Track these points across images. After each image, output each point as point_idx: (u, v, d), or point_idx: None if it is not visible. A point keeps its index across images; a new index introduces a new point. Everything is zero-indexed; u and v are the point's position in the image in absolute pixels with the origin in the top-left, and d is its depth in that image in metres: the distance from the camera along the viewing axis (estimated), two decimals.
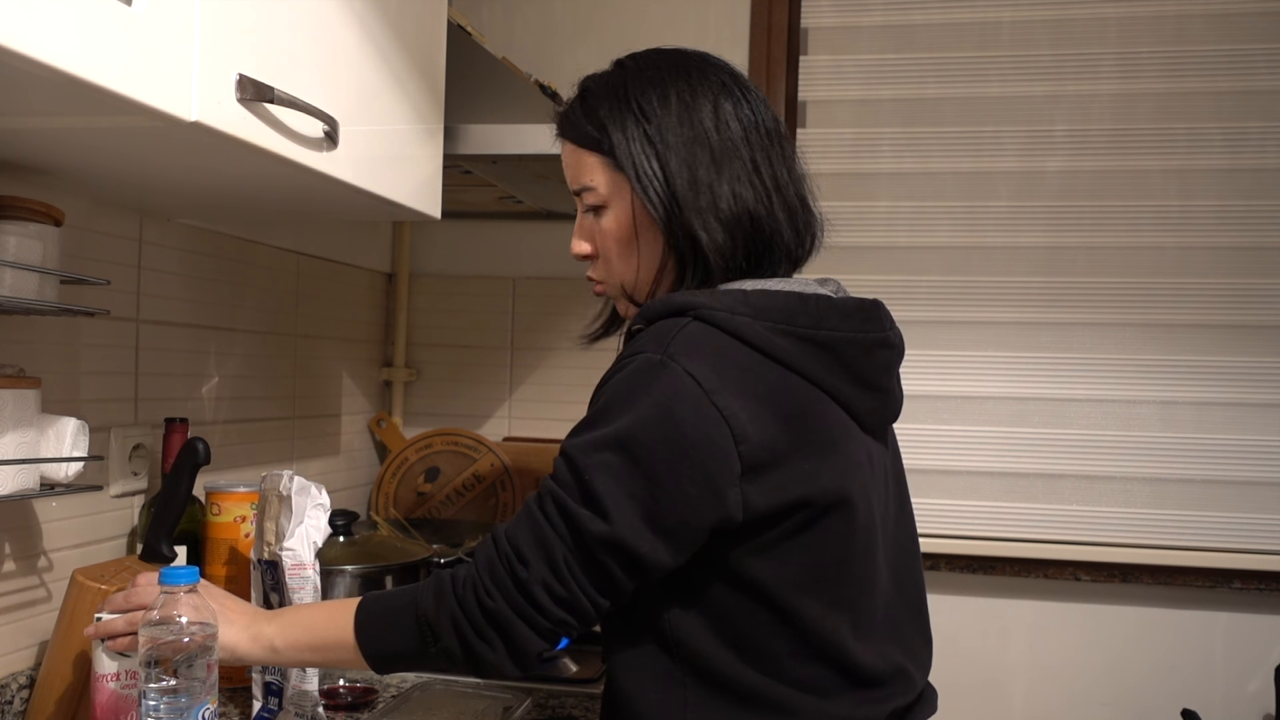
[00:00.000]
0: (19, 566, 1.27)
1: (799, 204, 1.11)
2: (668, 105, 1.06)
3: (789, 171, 1.11)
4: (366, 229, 2.19)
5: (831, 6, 2.16)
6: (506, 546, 0.99)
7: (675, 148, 1.05)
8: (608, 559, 0.96)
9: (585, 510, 0.95)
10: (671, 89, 1.07)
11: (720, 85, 1.09)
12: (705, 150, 1.05)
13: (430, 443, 2.20)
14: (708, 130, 1.06)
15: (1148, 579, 2.02)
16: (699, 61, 1.11)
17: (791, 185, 1.10)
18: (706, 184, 1.05)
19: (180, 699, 1.06)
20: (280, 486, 1.22)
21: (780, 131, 1.11)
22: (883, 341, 1.08)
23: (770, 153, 1.09)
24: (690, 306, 1.00)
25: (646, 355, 0.97)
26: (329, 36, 1.15)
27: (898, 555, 1.13)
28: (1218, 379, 2.03)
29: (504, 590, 0.97)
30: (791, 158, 1.12)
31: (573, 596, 0.97)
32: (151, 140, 0.98)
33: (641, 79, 1.09)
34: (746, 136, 1.07)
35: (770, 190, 1.07)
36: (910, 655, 1.12)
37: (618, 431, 0.95)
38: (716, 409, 0.94)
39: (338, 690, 1.36)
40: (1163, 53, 2.04)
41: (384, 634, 1.03)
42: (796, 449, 0.98)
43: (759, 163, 1.07)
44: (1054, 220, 2.08)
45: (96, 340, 1.38)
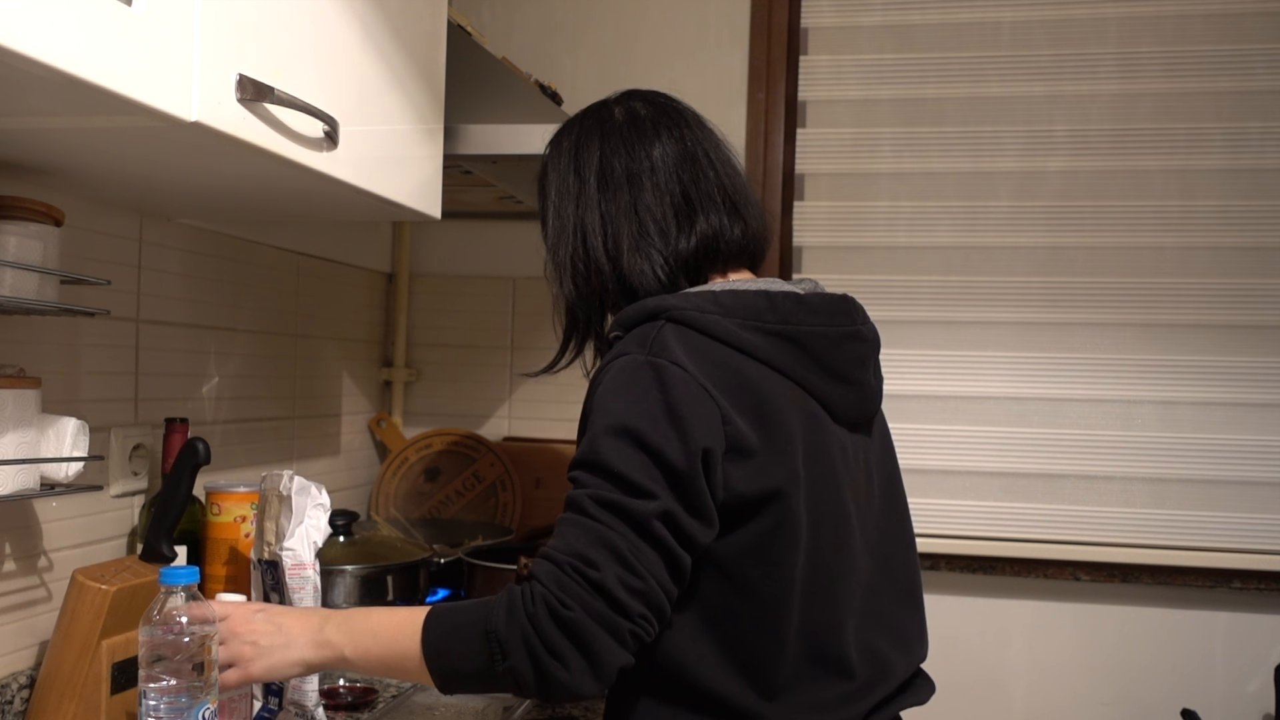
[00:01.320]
0: (19, 566, 1.27)
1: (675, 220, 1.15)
2: (557, 164, 1.19)
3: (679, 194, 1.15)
4: (366, 229, 2.19)
5: (831, 6, 2.16)
6: (565, 556, 0.97)
7: (553, 202, 1.19)
8: (667, 535, 0.98)
9: (629, 498, 0.97)
10: (565, 143, 1.20)
11: (610, 128, 1.17)
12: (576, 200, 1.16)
13: (430, 443, 2.20)
14: (581, 178, 1.17)
15: (1148, 579, 2.02)
16: (609, 107, 1.21)
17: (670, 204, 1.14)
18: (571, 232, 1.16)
19: (180, 699, 1.06)
20: (280, 486, 1.22)
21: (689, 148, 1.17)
22: (852, 335, 1.13)
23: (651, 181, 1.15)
24: (662, 310, 1.07)
25: (631, 356, 1.03)
26: (329, 36, 1.15)
27: (882, 542, 1.16)
28: (1218, 379, 2.02)
29: (579, 598, 0.95)
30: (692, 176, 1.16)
31: (648, 586, 0.97)
32: (151, 140, 0.98)
33: (554, 141, 1.23)
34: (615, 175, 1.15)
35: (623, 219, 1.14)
36: (898, 643, 1.15)
37: (623, 421, 0.99)
38: (704, 389, 1.01)
39: (338, 690, 1.36)
40: (1163, 53, 2.04)
41: (451, 649, 1.00)
42: (769, 439, 1.02)
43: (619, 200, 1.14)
44: (1054, 220, 2.08)
45: (96, 340, 1.38)
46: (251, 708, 1.26)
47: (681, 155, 1.16)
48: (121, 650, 1.21)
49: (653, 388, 1.00)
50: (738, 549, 1.03)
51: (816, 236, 2.15)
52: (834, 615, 1.08)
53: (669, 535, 0.98)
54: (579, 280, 1.16)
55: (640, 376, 1.01)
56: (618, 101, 1.22)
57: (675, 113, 1.20)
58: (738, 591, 1.03)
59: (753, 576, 1.03)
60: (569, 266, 1.16)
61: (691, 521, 0.99)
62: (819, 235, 2.15)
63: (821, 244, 2.15)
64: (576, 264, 1.16)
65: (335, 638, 1.06)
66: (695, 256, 1.14)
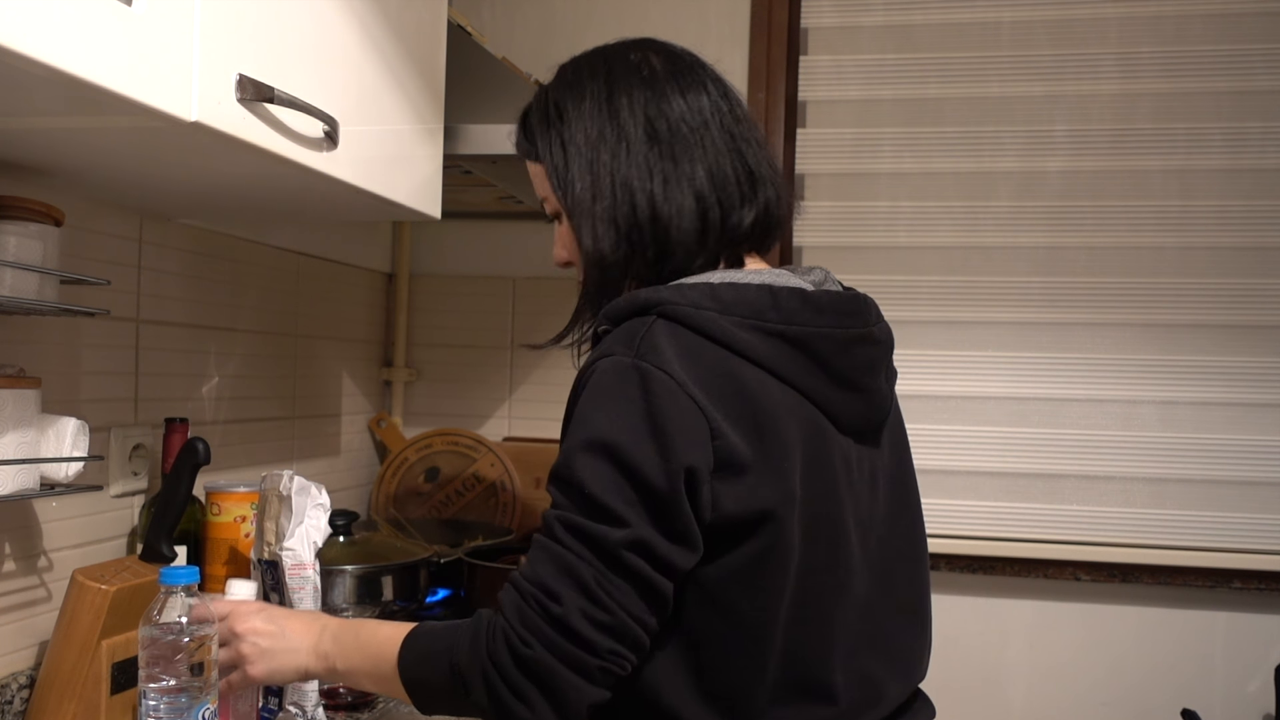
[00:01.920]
0: (19, 566, 1.27)
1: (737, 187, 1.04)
2: (581, 108, 1.05)
3: (732, 154, 1.04)
4: (366, 229, 2.19)
5: (831, 6, 2.16)
6: (529, 586, 0.91)
7: (582, 150, 1.04)
8: (639, 564, 0.90)
9: (597, 523, 0.90)
10: (588, 88, 1.06)
11: (642, 78, 1.05)
12: (614, 150, 1.03)
13: (430, 443, 2.20)
14: (621, 128, 1.03)
15: (1148, 579, 2.02)
16: (624, 55, 1.08)
17: (731, 170, 1.04)
18: (608, 186, 1.03)
19: (180, 699, 1.06)
20: (280, 486, 1.22)
21: (724, 112, 1.06)
22: (863, 337, 1.03)
23: (703, 139, 1.03)
24: (654, 303, 0.97)
25: (616, 358, 0.94)
26: (329, 36, 1.15)
27: (885, 556, 1.07)
28: (1218, 379, 2.02)
29: (540, 634, 0.89)
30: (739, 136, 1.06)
31: (617, 620, 0.89)
32: (151, 140, 0.98)
33: (564, 83, 1.09)
34: (668, 127, 1.03)
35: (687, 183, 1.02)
36: (894, 665, 1.07)
37: (602, 437, 0.91)
38: (693, 400, 0.91)
39: (338, 690, 1.36)
40: (1163, 53, 2.04)
41: (423, 676, 0.96)
42: (764, 454, 0.94)
43: (680, 155, 1.02)
44: (1054, 220, 2.08)
45: (96, 340, 1.38)
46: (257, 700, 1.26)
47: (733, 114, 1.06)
48: (121, 650, 1.21)
49: (636, 396, 0.91)
50: (724, 573, 0.95)
51: (816, 236, 2.15)
52: (822, 640, 0.99)
53: (643, 564, 0.90)
54: (617, 237, 1.03)
55: (624, 382, 0.92)
56: (633, 47, 1.10)
57: (701, 65, 1.09)
58: (721, 618, 0.95)
59: (739, 603, 0.95)
60: (607, 221, 1.03)
61: (671, 547, 0.91)
62: (819, 235, 2.15)
63: (821, 244, 2.15)
64: (617, 219, 1.03)
65: (330, 649, 1.04)
66: (751, 232, 1.05)
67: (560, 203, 1.07)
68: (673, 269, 1.03)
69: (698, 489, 0.91)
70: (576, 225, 1.05)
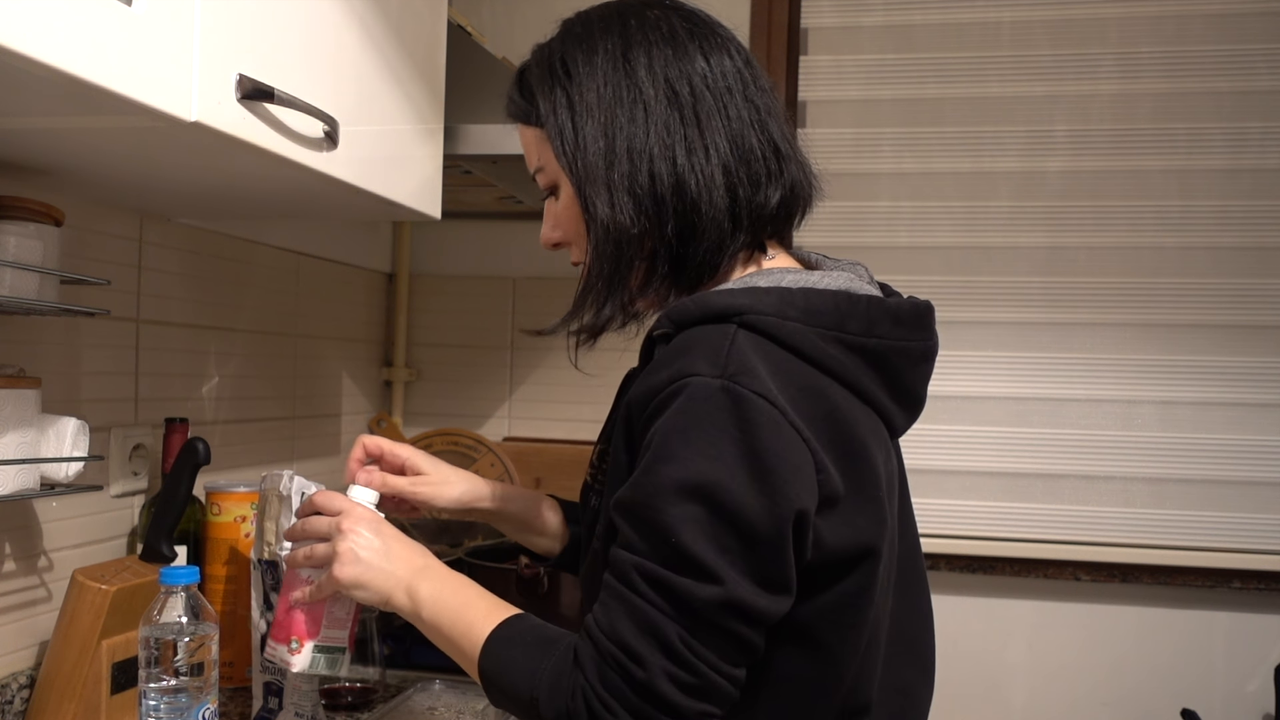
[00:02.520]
0: (19, 566, 1.27)
1: (764, 162, 0.94)
2: (593, 64, 0.94)
3: (757, 125, 0.94)
4: (366, 229, 2.19)
5: (831, 6, 2.16)
6: (608, 644, 0.83)
7: (594, 111, 0.93)
8: (730, 623, 0.82)
9: (684, 578, 0.81)
10: (601, 44, 0.94)
11: (661, 35, 0.94)
12: (631, 112, 0.91)
13: (430, 443, 2.20)
14: (639, 89, 0.92)
15: (1148, 579, 2.02)
16: (642, 9, 0.96)
17: (757, 142, 0.94)
18: (625, 152, 0.91)
19: (180, 699, 1.06)
20: (280, 486, 1.22)
21: (747, 80, 0.95)
22: (929, 352, 0.97)
23: (727, 106, 0.93)
24: (733, 311, 0.86)
25: (703, 379, 0.82)
26: (329, 36, 1.15)
27: (904, 558, 1.01)
28: (1218, 379, 2.02)
29: (624, 700, 0.81)
30: (763, 107, 0.95)
31: (704, 680, 0.82)
32: (151, 140, 0.98)
33: (571, 37, 0.97)
34: (690, 90, 0.92)
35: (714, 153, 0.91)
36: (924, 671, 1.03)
37: (695, 478, 0.81)
38: (796, 431, 0.82)
39: (338, 690, 1.36)
40: (1163, 53, 2.04)
41: (501, 685, 0.89)
42: (858, 484, 0.86)
43: (704, 123, 0.92)
44: (1054, 220, 2.08)
45: (96, 340, 1.38)
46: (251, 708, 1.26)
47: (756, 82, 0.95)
48: (121, 650, 1.21)
49: (732, 428, 0.81)
50: (817, 611, 0.87)
51: (817, 237, 2.15)
52: (875, 661, 0.93)
53: (735, 622, 0.82)
54: (635, 209, 0.91)
55: (718, 410, 0.81)
56: (653, 4, 0.97)
57: (722, 27, 0.99)
58: (808, 656, 0.88)
59: (829, 641, 0.88)
60: (624, 189, 0.91)
61: (768, 599, 0.82)
62: (819, 235, 2.15)
63: (821, 244, 2.12)
64: (637, 191, 0.91)
65: (424, 595, 0.95)
66: (776, 213, 0.95)
67: (566, 170, 0.94)
68: (698, 253, 0.93)
69: (804, 533, 0.83)
70: (587, 195, 0.93)
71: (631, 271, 0.94)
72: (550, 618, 1.44)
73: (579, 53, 0.95)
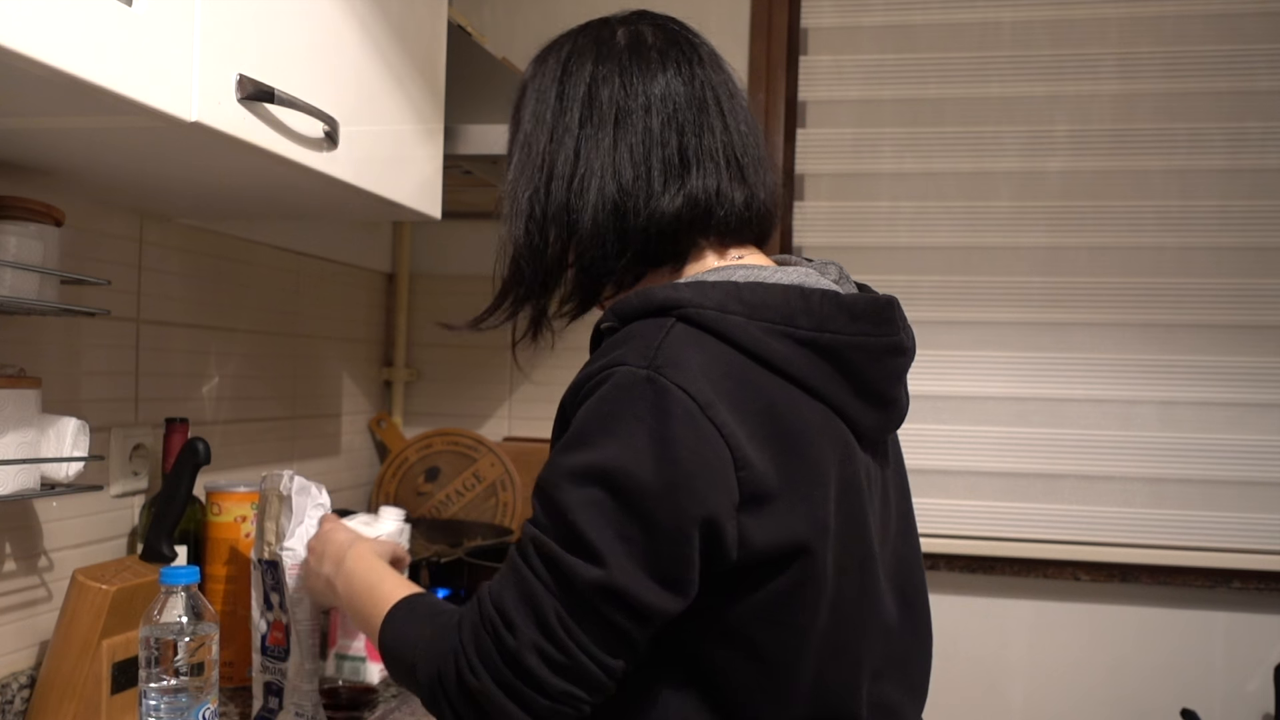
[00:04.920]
0: (19, 566, 1.27)
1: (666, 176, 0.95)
2: (539, 82, 0.99)
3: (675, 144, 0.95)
4: (366, 229, 2.19)
5: (831, 6, 2.16)
6: (490, 609, 0.85)
7: (524, 125, 0.99)
8: (609, 610, 0.82)
9: (573, 556, 0.82)
10: (551, 60, 1.00)
11: (603, 52, 0.98)
12: (547, 128, 0.97)
13: (430, 443, 2.20)
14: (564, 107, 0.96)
15: (1148, 579, 2.02)
16: (606, 28, 1.01)
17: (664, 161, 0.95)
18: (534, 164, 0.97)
19: (180, 699, 1.06)
20: (280, 486, 1.22)
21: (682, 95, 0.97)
22: (894, 347, 0.93)
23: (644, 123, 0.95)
24: (674, 304, 0.87)
25: (629, 369, 0.84)
26: (329, 36, 1.15)
27: (899, 571, 1.00)
28: (1218, 379, 2.03)
29: (490, 665, 0.83)
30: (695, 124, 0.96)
31: (574, 661, 0.82)
32: (151, 140, 0.98)
33: (541, 52, 1.03)
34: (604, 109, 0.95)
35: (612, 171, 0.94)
36: (912, 688, 1.00)
37: (603, 462, 0.82)
38: (715, 427, 0.82)
39: (338, 690, 1.36)
40: (1163, 53, 2.04)
41: (392, 660, 0.94)
42: (793, 482, 0.85)
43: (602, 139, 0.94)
44: (1054, 220, 2.08)
45: (97, 340, 1.38)
46: (251, 708, 1.26)
47: (687, 98, 0.96)
48: (121, 650, 1.21)
49: (648, 417, 0.82)
50: (750, 610, 0.86)
51: (816, 237, 2.15)
52: (851, 670, 0.91)
53: (613, 611, 0.82)
54: (531, 227, 0.96)
55: (636, 400, 0.82)
56: (624, 21, 1.01)
57: (689, 45, 1.01)
58: (746, 657, 0.87)
59: (765, 642, 0.87)
60: (526, 209, 0.97)
61: (657, 593, 0.82)
62: (819, 235, 2.15)
63: (822, 244, 2.15)
64: (534, 207, 0.96)
65: (339, 586, 1.08)
66: (677, 221, 0.94)
67: None
68: (587, 268, 0.96)
69: (720, 534, 0.82)
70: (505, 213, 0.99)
71: (532, 281, 0.99)
72: None
73: (534, 70, 1.02)
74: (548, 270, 0.98)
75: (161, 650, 1.06)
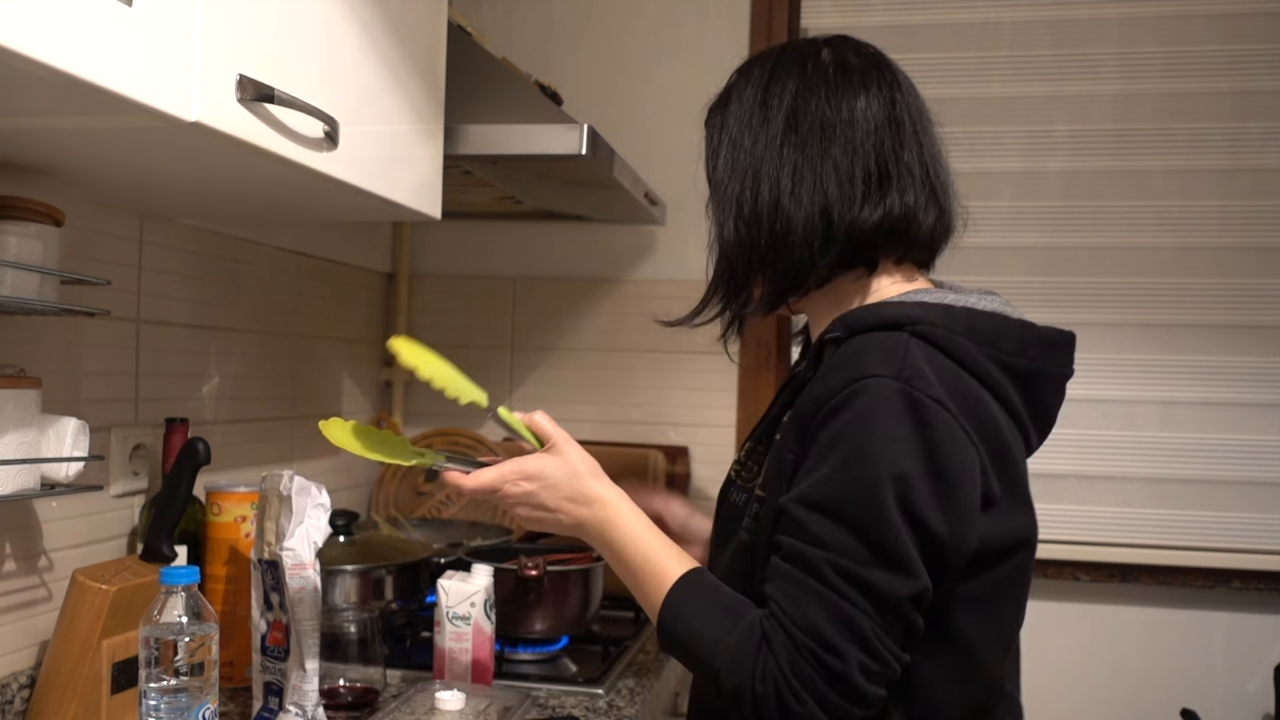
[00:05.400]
0: (19, 566, 1.27)
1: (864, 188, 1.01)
2: (743, 95, 1.06)
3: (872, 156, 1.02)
4: (366, 229, 2.19)
5: (831, 6, 2.16)
6: (803, 637, 0.87)
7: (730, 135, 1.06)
8: (914, 614, 0.89)
9: (883, 571, 0.87)
10: (756, 77, 1.07)
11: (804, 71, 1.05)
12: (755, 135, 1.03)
13: (430, 443, 2.20)
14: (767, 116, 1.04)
15: (1148, 579, 2.02)
16: (808, 50, 1.07)
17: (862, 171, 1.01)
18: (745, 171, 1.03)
19: (180, 699, 1.06)
20: (280, 486, 1.22)
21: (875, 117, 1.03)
22: (1066, 379, 1.04)
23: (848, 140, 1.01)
24: (905, 320, 0.95)
25: (881, 380, 0.89)
26: (329, 36, 1.15)
27: None
28: (1218, 379, 2.03)
29: (814, 690, 0.86)
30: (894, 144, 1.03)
31: (888, 668, 0.88)
32: (151, 140, 0.98)
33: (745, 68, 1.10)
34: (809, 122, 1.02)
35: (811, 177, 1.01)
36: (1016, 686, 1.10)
37: (888, 472, 0.87)
38: (967, 435, 0.90)
39: (338, 690, 1.36)
40: (1163, 53, 2.04)
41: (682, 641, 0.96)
42: (1011, 488, 0.95)
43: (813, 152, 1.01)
44: (1054, 220, 2.08)
45: (97, 340, 1.38)
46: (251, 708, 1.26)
47: (887, 118, 1.03)
48: (121, 650, 1.21)
49: (910, 430, 0.88)
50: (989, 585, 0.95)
51: None
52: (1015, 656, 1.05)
53: (915, 613, 0.89)
54: (740, 224, 1.03)
55: (898, 413, 0.88)
56: (829, 44, 1.08)
57: (889, 70, 1.07)
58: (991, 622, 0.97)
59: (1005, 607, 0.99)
60: (734, 206, 1.03)
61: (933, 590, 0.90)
62: None
63: None
64: (742, 206, 1.03)
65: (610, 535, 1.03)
66: (875, 234, 1.01)
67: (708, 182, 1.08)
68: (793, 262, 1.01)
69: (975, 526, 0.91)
70: (712, 207, 1.06)
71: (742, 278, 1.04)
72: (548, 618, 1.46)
73: (739, 80, 1.09)
74: (753, 266, 1.04)
75: (161, 650, 1.06)
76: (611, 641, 1.62)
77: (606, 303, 2.21)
